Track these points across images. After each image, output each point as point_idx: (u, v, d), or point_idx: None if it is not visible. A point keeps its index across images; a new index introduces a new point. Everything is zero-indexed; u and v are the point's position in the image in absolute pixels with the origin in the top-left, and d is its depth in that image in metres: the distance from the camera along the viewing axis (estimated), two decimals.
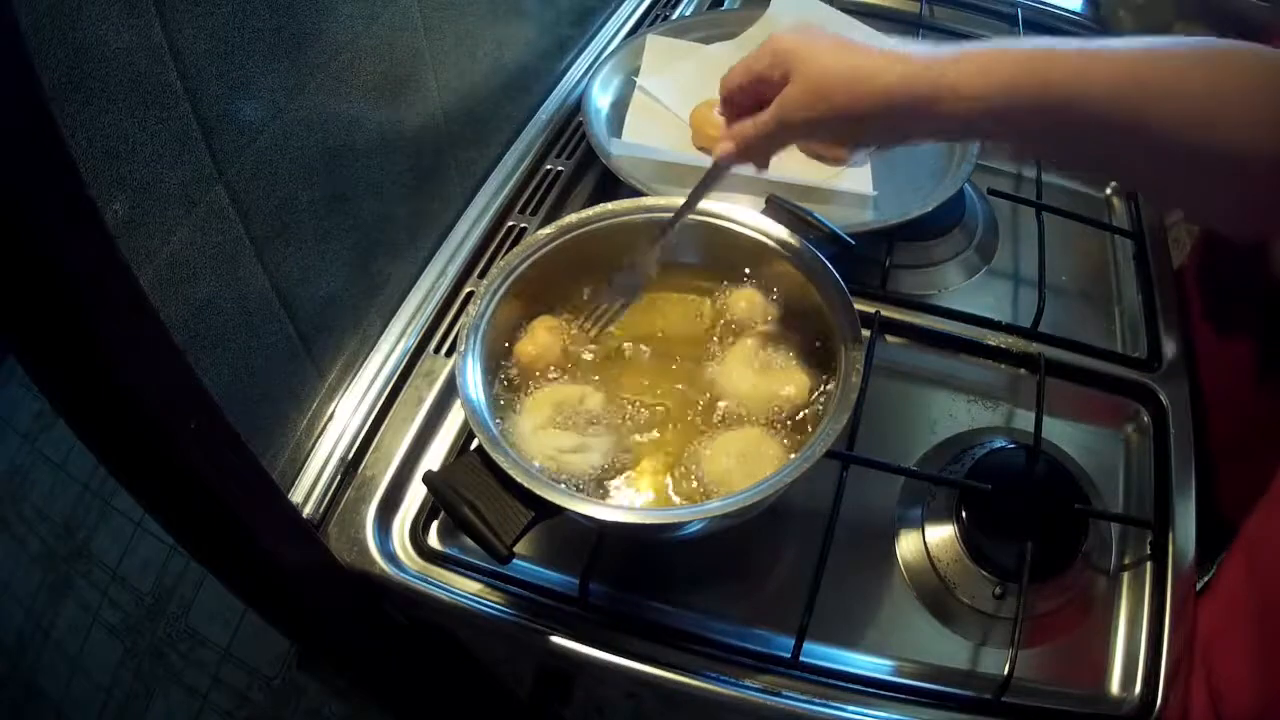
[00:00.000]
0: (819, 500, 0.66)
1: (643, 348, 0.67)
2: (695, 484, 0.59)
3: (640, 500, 0.60)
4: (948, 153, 0.90)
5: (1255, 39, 0.64)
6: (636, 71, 0.96)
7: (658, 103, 0.94)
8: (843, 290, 0.63)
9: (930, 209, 0.82)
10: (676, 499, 0.60)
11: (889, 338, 0.79)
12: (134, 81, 0.46)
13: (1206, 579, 0.66)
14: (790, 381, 0.63)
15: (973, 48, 0.50)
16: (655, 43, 0.98)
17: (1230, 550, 0.63)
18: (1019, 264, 0.88)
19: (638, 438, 0.62)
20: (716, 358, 0.66)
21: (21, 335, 0.41)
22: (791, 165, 0.88)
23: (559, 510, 0.53)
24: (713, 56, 1.00)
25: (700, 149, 0.89)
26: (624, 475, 0.60)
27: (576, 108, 0.94)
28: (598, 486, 0.59)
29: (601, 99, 0.94)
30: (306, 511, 0.66)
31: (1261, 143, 0.46)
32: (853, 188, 0.86)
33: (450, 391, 0.73)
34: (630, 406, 0.64)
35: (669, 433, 0.63)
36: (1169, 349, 0.79)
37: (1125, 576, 0.67)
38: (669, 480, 0.60)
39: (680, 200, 0.67)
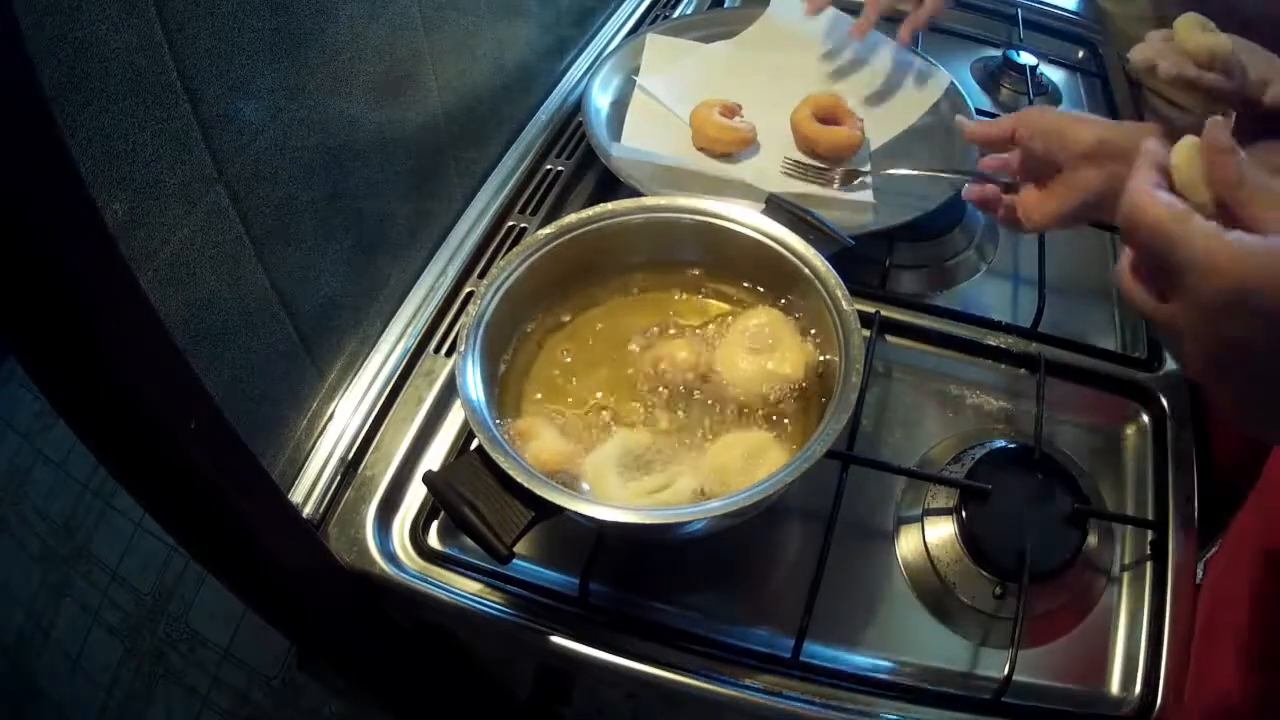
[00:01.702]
0: (819, 500, 0.66)
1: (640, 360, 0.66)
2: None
3: None
4: (947, 153, 0.90)
5: (1247, 30, 0.63)
6: (636, 71, 0.96)
7: (658, 102, 0.94)
8: (843, 290, 0.63)
9: (930, 209, 0.82)
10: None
11: (889, 338, 0.79)
12: (134, 81, 0.46)
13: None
14: (787, 361, 0.62)
15: None
16: (655, 42, 0.98)
17: (1219, 547, 0.63)
18: (1019, 264, 0.88)
19: (703, 446, 0.61)
20: (716, 348, 0.65)
21: (21, 335, 0.41)
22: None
23: (559, 510, 0.53)
24: (713, 56, 1.00)
25: (700, 149, 0.89)
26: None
27: (576, 108, 0.94)
28: (698, 498, 0.58)
29: (601, 99, 0.94)
30: (306, 511, 0.66)
31: None
32: (854, 198, 0.86)
33: (450, 391, 0.73)
34: (675, 427, 0.63)
35: (709, 426, 0.62)
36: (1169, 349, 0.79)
37: (1125, 576, 0.67)
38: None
39: (681, 200, 0.68)
